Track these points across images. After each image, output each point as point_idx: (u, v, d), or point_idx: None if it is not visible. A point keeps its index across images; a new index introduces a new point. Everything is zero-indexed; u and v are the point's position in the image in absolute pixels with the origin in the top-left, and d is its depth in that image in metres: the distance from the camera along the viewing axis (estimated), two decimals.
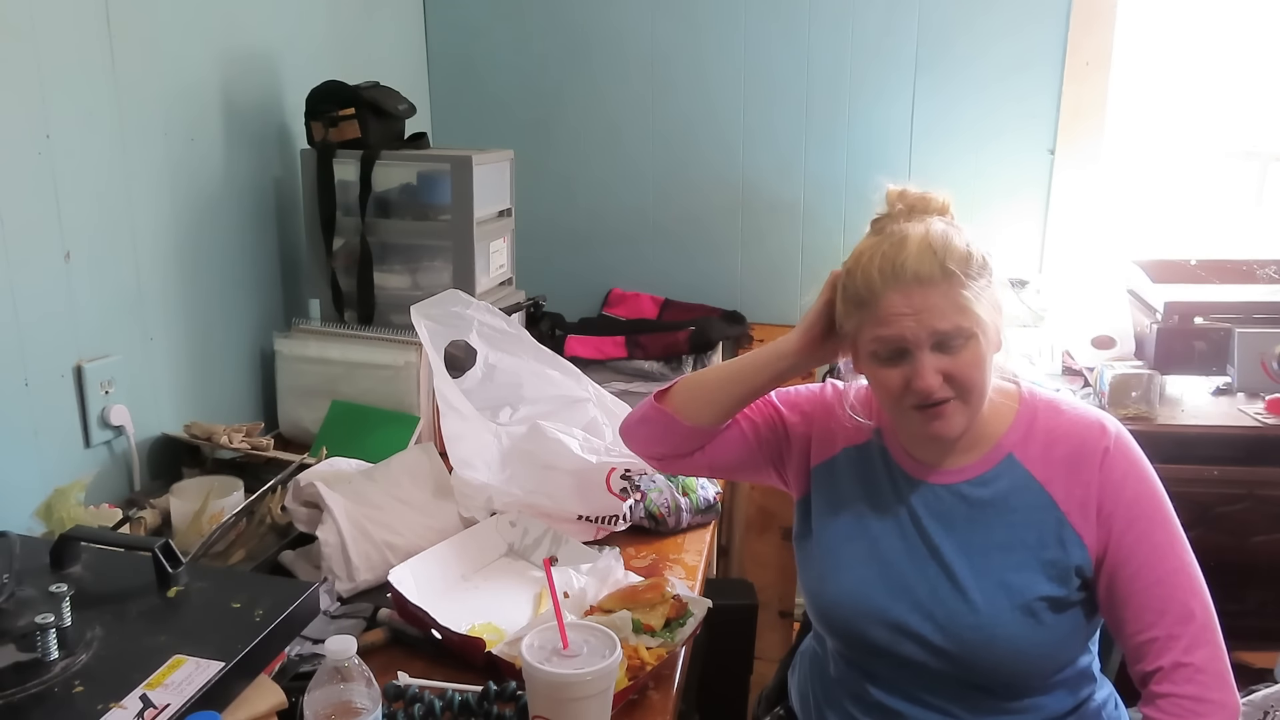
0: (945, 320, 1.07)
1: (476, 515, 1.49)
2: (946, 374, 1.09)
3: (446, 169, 1.90)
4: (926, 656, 1.14)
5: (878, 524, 1.19)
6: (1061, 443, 1.15)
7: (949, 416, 1.11)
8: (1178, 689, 1.05)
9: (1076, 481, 1.12)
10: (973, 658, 1.12)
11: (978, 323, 1.09)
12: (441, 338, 1.64)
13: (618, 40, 2.58)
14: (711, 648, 1.53)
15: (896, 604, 1.15)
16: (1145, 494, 1.12)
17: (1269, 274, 2.30)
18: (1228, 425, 2.00)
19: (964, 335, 1.08)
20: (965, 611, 1.12)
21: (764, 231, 2.63)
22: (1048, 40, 2.40)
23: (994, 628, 1.11)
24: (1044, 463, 1.14)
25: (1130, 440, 1.15)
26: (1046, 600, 1.11)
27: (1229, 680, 1.06)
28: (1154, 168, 2.53)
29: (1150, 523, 1.10)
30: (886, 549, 1.18)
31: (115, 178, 1.54)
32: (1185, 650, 1.06)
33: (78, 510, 1.33)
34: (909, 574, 1.16)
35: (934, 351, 1.09)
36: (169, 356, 1.69)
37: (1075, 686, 1.18)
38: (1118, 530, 1.10)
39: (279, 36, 1.97)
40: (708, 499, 1.63)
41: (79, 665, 0.90)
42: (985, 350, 1.10)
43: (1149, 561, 1.09)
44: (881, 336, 1.10)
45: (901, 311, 1.08)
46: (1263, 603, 1.97)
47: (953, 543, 1.15)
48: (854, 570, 1.19)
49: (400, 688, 1.12)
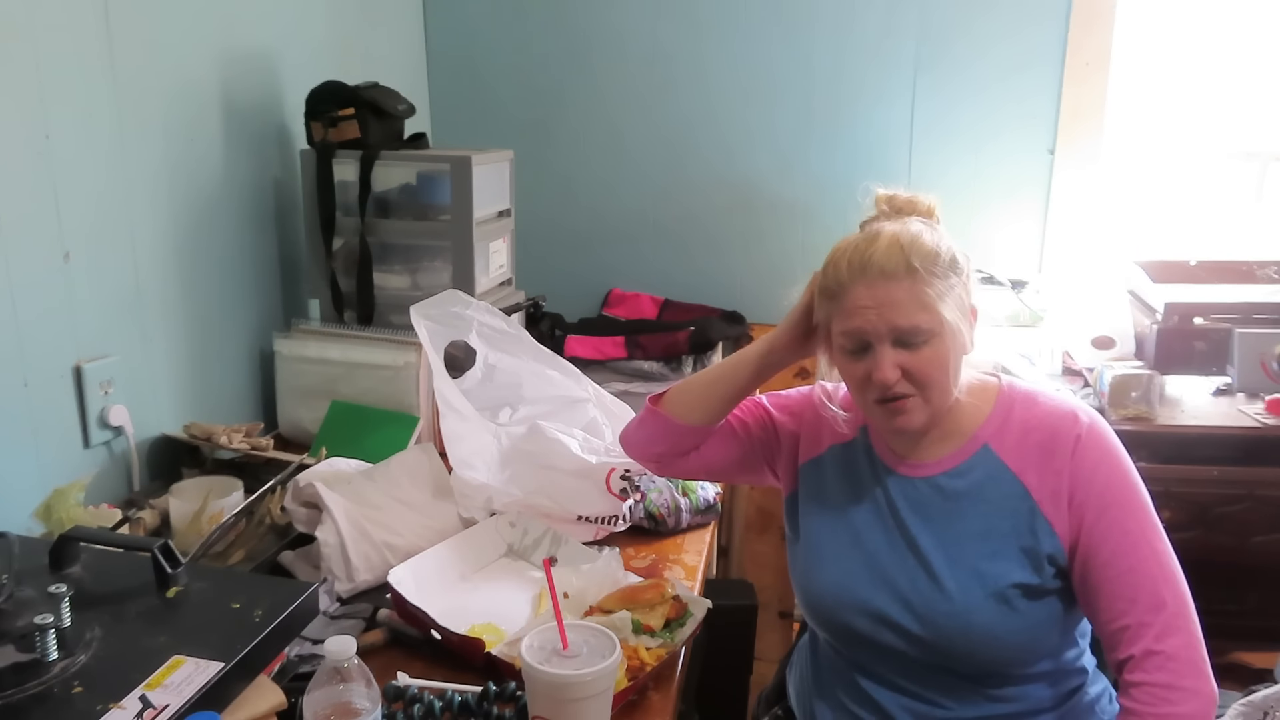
0: (905, 316, 1.10)
1: (476, 515, 1.49)
2: (906, 370, 1.11)
3: (446, 169, 1.90)
4: (906, 645, 1.16)
5: (860, 517, 1.22)
6: (1035, 432, 1.16)
7: (909, 411, 1.13)
8: (1150, 677, 1.06)
9: (1049, 470, 1.14)
10: (949, 645, 1.14)
11: (940, 322, 1.11)
12: (441, 338, 1.64)
13: (618, 40, 2.58)
14: (711, 648, 1.53)
15: (877, 595, 1.17)
16: (1117, 482, 1.13)
17: (1269, 274, 2.30)
18: (1227, 425, 2.00)
19: (924, 333, 1.11)
20: (940, 599, 1.14)
21: (764, 231, 2.63)
22: (1047, 41, 2.40)
23: (968, 614, 1.13)
24: (1018, 452, 1.16)
25: (1105, 429, 1.16)
26: (1020, 587, 1.13)
27: (1203, 667, 1.07)
28: (1154, 168, 2.53)
29: (1122, 510, 1.11)
30: (868, 541, 1.20)
31: (114, 178, 1.54)
32: (1156, 638, 1.07)
33: (77, 510, 1.32)
34: (889, 565, 1.18)
35: (895, 346, 1.11)
36: (168, 357, 1.69)
37: (1060, 679, 1.19)
38: (1090, 518, 1.11)
39: (278, 36, 1.97)
40: (707, 499, 1.63)
41: (78, 666, 0.89)
42: (948, 349, 1.12)
43: (1120, 549, 1.10)
44: (846, 330, 1.14)
45: (865, 304, 1.11)
46: (1263, 603, 1.97)
47: (929, 533, 1.17)
48: (838, 563, 1.22)
49: (400, 688, 1.11)
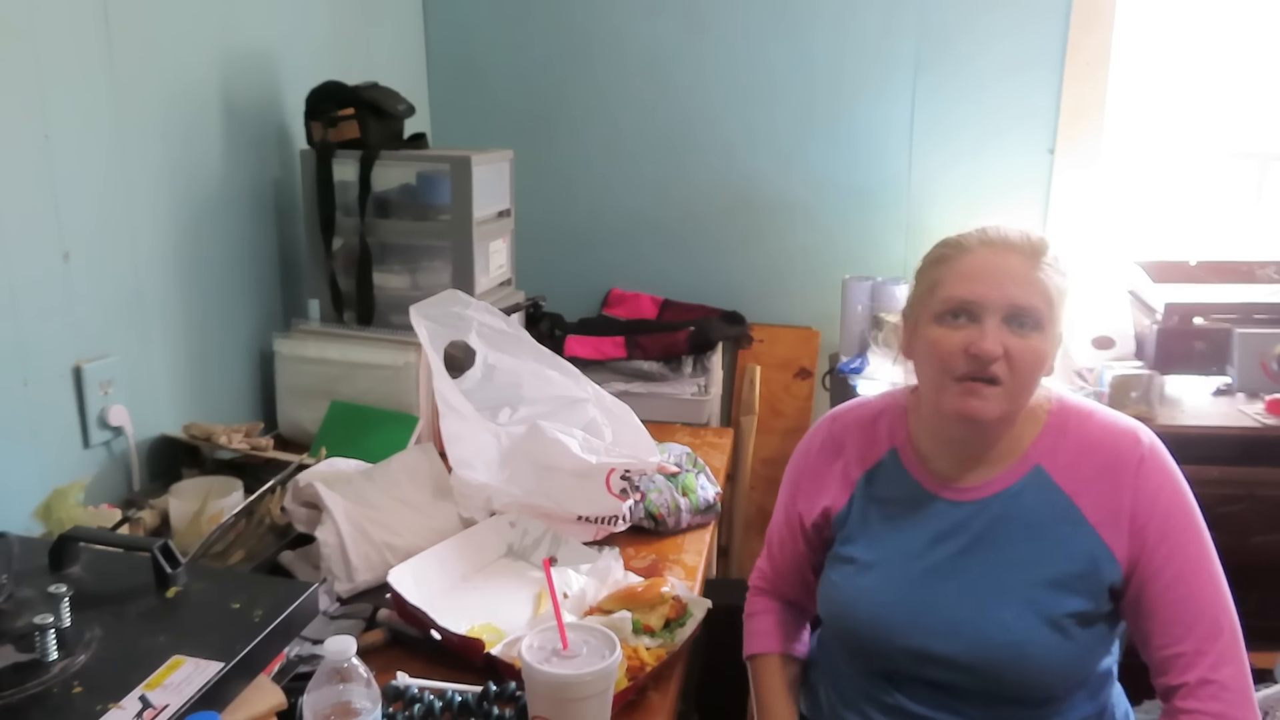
0: (1025, 294, 1.07)
1: (476, 516, 1.49)
2: (1007, 352, 1.06)
3: (446, 169, 1.89)
4: (953, 675, 1.12)
5: (896, 545, 1.17)
6: (1093, 453, 1.12)
7: (989, 399, 1.07)
8: (1203, 706, 1.03)
9: (1108, 492, 1.10)
10: (1000, 673, 1.10)
11: (1053, 317, 1.08)
12: (441, 338, 1.63)
13: (618, 40, 2.58)
14: (711, 647, 1.53)
15: (917, 632, 1.13)
16: (1179, 505, 1.09)
17: (1269, 274, 2.30)
18: (1228, 426, 2.00)
19: (1036, 319, 1.07)
20: (994, 630, 1.09)
21: (764, 231, 2.63)
22: (1048, 40, 2.40)
23: (1023, 645, 1.08)
24: (1072, 475, 1.12)
25: (1164, 451, 1.12)
26: (1075, 616, 1.09)
27: (1252, 698, 1.05)
28: (1154, 168, 2.54)
29: (1184, 536, 1.08)
30: (912, 570, 1.15)
31: (114, 178, 1.54)
32: (1212, 667, 1.04)
33: (77, 510, 1.32)
34: (935, 595, 1.13)
35: (1003, 324, 1.07)
36: (168, 357, 1.69)
37: (1096, 690, 1.17)
38: (1151, 542, 1.07)
39: (278, 37, 1.97)
40: (708, 499, 1.63)
41: (78, 666, 0.89)
42: (1048, 350, 1.09)
43: (1181, 575, 1.06)
44: (955, 294, 1.09)
45: (986, 271, 1.07)
46: (1263, 603, 1.96)
47: (979, 560, 1.12)
48: (874, 596, 1.16)
49: (400, 688, 1.11)
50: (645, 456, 1.54)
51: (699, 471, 1.69)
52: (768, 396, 2.59)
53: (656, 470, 1.59)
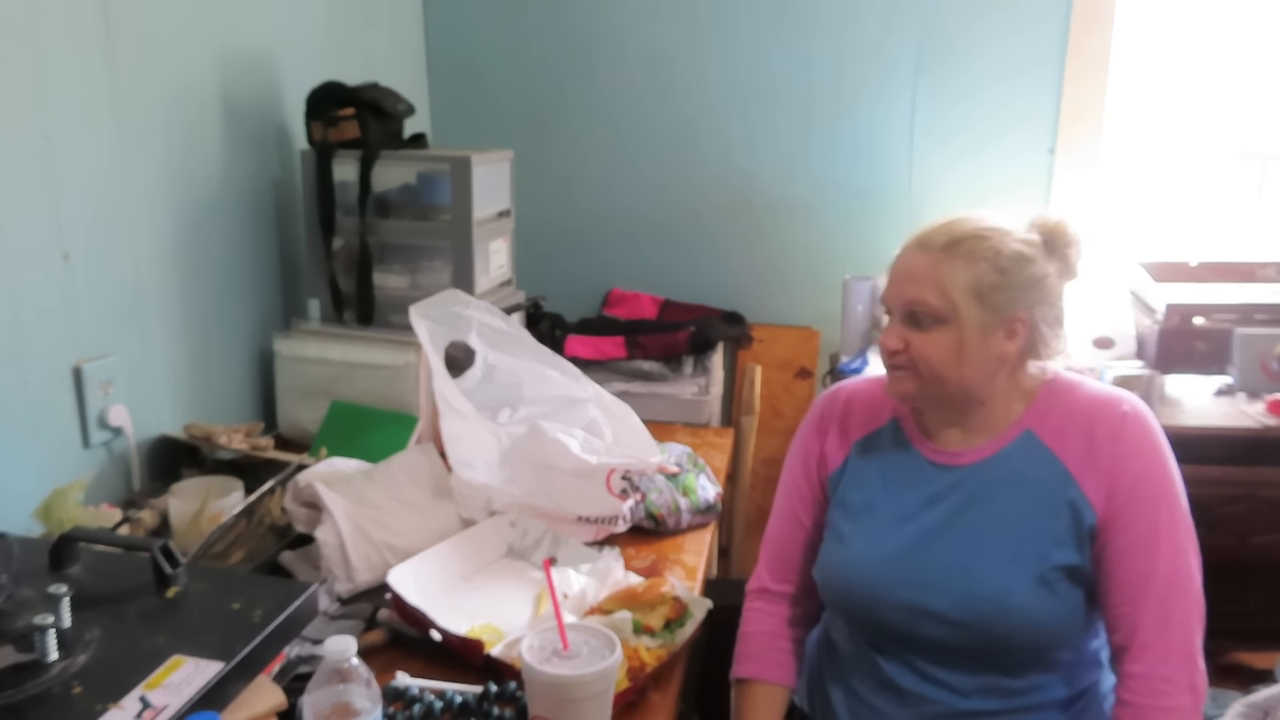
0: (919, 293, 1.14)
1: (476, 516, 1.49)
2: (909, 345, 1.15)
3: (446, 169, 1.89)
4: (943, 631, 1.16)
5: (894, 507, 1.22)
6: (1080, 414, 1.17)
7: (901, 380, 1.18)
8: (1150, 669, 1.07)
9: (1089, 445, 1.14)
10: (987, 627, 1.13)
11: (951, 309, 1.12)
12: (441, 338, 1.63)
13: (618, 40, 2.58)
14: (711, 648, 1.53)
15: (910, 587, 1.17)
16: (1155, 471, 1.12)
17: (1269, 274, 2.30)
18: (1228, 426, 2.01)
19: (934, 314, 1.13)
20: (979, 581, 1.14)
21: (764, 231, 2.63)
22: (1048, 41, 2.40)
23: (1009, 597, 1.12)
24: (1059, 433, 1.16)
25: (1151, 419, 1.16)
26: (1063, 569, 1.12)
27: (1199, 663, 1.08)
28: (1154, 168, 2.54)
29: (1154, 502, 1.11)
30: (902, 531, 1.20)
31: (114, 178, 1.54)
32: (1157, 629, 1.08)
33: (76, 511, 1.32)
34: (926, 553, 1.18)
35: (904, 323, 1.16)
36: (168, 357, 1.69)
37: (1078, 670, 1.19)
38: (1119, 500, 1.11)
39: (278, 37, 1.97)
40: (708, 500, 1.63)
41: (78, 666, 0.89)
42: (960, 341, 1.13)
43: (1141, 539, 1.10)
44: (883, 298, 1.21)
45: (899, 271, 1.19)
46: (1263, 603, 1.97)
47: (969, 518, 1.17)
48: (865, 556, 1.21)
49: (400, 688, 1.11)
50: (646, 456, 1.54)
51: (699, 471, 1.69)
52: (768, 396, 2.59)
53: (657, 470, 1.59)
